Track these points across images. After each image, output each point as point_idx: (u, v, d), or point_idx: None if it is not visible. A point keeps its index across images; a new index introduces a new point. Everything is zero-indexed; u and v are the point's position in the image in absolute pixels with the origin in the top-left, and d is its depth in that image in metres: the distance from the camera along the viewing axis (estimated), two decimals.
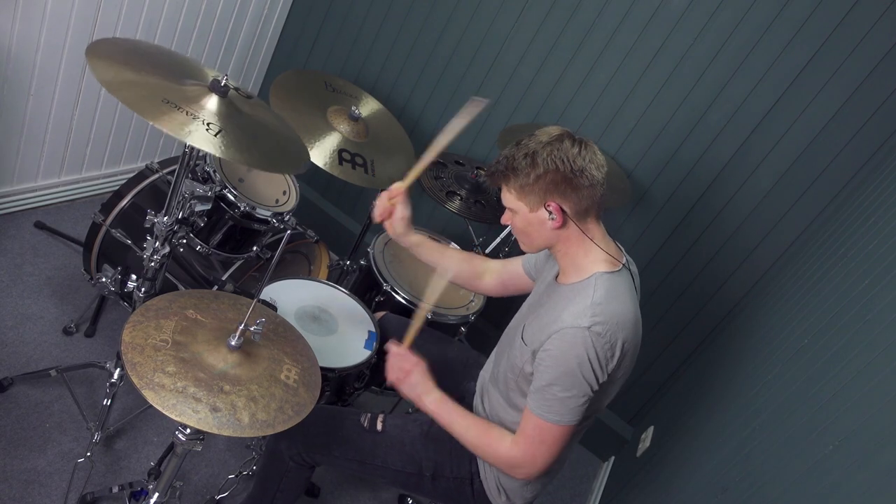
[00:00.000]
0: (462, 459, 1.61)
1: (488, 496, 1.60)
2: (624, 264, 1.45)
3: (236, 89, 1.66)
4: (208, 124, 1.45)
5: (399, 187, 1.69)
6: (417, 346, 1.94)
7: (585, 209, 1.40)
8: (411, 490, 1.67)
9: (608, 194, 1.46)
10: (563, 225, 1.40)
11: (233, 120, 1.51)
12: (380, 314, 2.04)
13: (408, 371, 1.54)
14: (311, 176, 3.03)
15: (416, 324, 1.62)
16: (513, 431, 1.48)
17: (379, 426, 1.63)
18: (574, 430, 1.41)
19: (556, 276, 1.53)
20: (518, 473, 1.46)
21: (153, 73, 1.49)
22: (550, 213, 1.39)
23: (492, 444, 1.46)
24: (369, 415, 1.66)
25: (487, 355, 1.98)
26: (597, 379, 1.35)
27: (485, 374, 1.74)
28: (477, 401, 1.71)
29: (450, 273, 1.75)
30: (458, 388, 1.82)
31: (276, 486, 1.70)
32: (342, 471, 2.13)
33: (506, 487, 1.58)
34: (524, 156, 1.37)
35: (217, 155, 1.42)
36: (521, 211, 1.43)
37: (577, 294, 1.40)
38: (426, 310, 1.66)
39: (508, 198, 1.44)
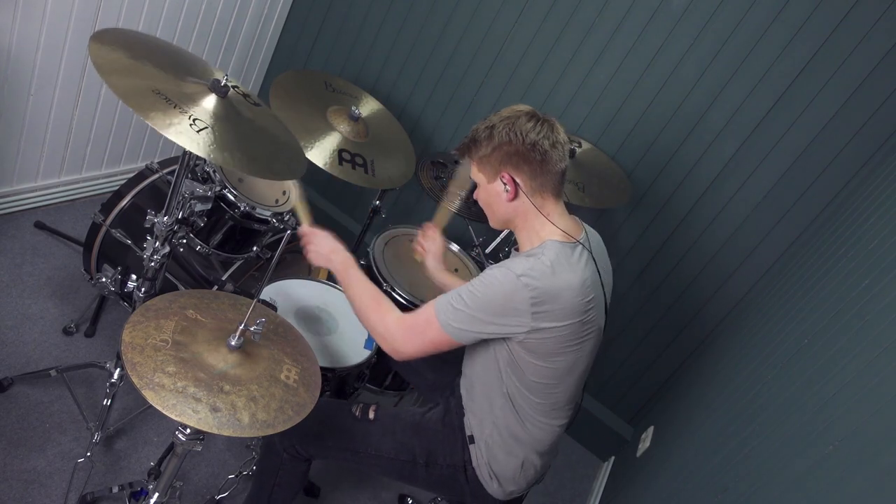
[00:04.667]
0: (455, 447, 1.63)
1: (481, 483, 1.61)
2: (579, 241, 1.49)
3: (246, 96, 1.65)
4: (194, 120, 1.43)
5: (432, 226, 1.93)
6: None
7: (540, 184, 1.46)
8: (406, 479, 1.68)
9: (603, 191, 1.50)
10: (516, 197, 1.47)
11: (226, 121, 1.49)
12: None
13: (327, 249, 1.62)
14: (311, 176, 3.02)
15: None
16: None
17: (371, 415, 1.65)
18: (450, 345, 1.44)
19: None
20: (388, 348, 1.50)
21: (154, 66, 1.48)
22: (505, 184, 1.46)
23: (381, 309, 1.51)
24: (361, 405, 1.68)
25: None
26: (499, 328, 1.39)
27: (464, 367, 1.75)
28: (463, 391, 1.71)
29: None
30: (454, 381, 1.83)
31: (273, 481, 1.71)
32: (337, 462, 2.13)
33: (498, 474, 1.59)
34: (484, 128, 1.46)
35: (198, 153, 1.38)
36: (481, 183, 1.51)
37: (528, 253, 1.46)
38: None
39: (473, 170, 1.52)
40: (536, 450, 1.59)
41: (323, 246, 1.63)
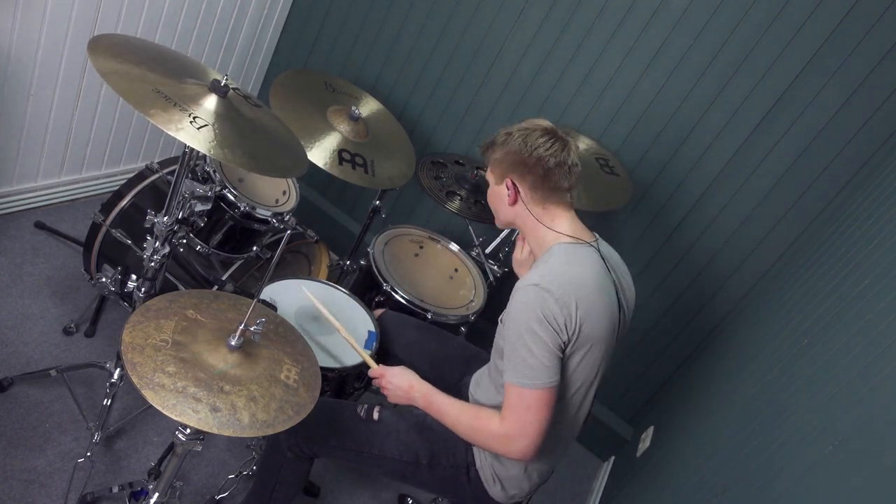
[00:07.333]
0: (458, 448, 1.63)
1: (484, 485, 1.61)
2: (590, 242, 1.54)
3: (246, 97, 1.65)
4: (194, 118, 1.43)
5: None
6: (418, 343, 1.94)
7: (541, 196, 1.53)
8: (408, 480, 1.68)
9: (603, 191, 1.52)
10: (516, 202, 1.55)
11: (226, 119, 1.50)
12: (378, 311, 2.04)
13: (406, 385, 1.61)
14: (311, 176, 3.03)
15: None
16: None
17: (375, 415, 1.66)
18: (555, 394, 1.41)
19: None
20: (514, 450, 1.44)
21: (153, 68, 1.49)
22: (508, 189, 1.55)
23: (483, 425, 1.48)
24: (365, 405, 1.68)
25: (489, 353, 1.98)
26: (557, 336, 1.39)
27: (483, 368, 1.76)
28: (472, 390, 1.73)
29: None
30: (458, 382, 1.84)
31: (276, 478, 1.71)
32: (340, 462, 2.13)
33: (501, 477, 1.59)
34: (504, 133, 1.56)
35: (199, 149, 1.39)
36: (491, 183, 1.61)
37: (538, 263, 1.52)
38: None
39: (488, 171, 1.62)
40: (542, 456, 1.56)
41: (399, 384, 1.61)
